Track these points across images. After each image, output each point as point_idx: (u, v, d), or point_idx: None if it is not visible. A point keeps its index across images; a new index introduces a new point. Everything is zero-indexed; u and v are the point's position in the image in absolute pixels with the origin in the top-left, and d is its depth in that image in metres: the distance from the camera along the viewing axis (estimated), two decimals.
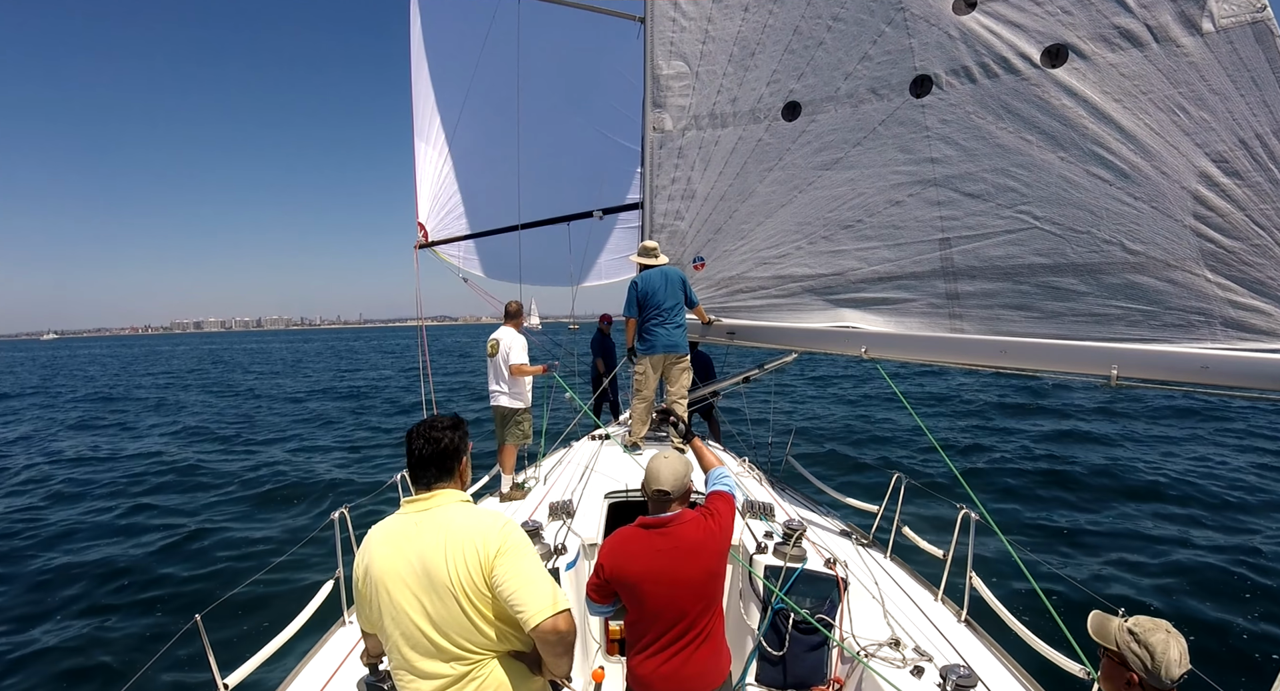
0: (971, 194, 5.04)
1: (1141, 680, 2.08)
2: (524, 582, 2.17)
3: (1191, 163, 4.12)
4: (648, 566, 2.81)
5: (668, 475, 2.90)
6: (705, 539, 2.87)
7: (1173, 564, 8.33)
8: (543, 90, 8.99)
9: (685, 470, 2.96)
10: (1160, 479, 11.91)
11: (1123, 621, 2.20)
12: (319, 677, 3.72)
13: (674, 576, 2.81)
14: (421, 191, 9.36)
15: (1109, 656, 2.19)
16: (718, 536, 2.90)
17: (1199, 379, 4.09)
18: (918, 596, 4.54)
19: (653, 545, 2.85)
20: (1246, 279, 3.98)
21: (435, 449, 2.38)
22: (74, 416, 25.40)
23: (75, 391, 37.03)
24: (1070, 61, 4.52)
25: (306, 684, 3.69)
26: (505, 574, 2.17)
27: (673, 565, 2.81)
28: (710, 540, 2.87)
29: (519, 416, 6.63)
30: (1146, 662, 2.07)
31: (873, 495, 5.93)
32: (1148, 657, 2.07)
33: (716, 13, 6.22)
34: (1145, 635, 2.10)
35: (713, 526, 2.91)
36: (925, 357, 5.45)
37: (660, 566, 2.82)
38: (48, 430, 22.00)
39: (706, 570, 2.84)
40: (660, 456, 2.99)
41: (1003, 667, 3.77)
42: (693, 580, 2.82)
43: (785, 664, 3.87)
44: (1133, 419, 17.61)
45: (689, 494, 3.00)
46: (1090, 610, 2.36)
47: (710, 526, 2.91)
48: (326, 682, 3.66)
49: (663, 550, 2.83)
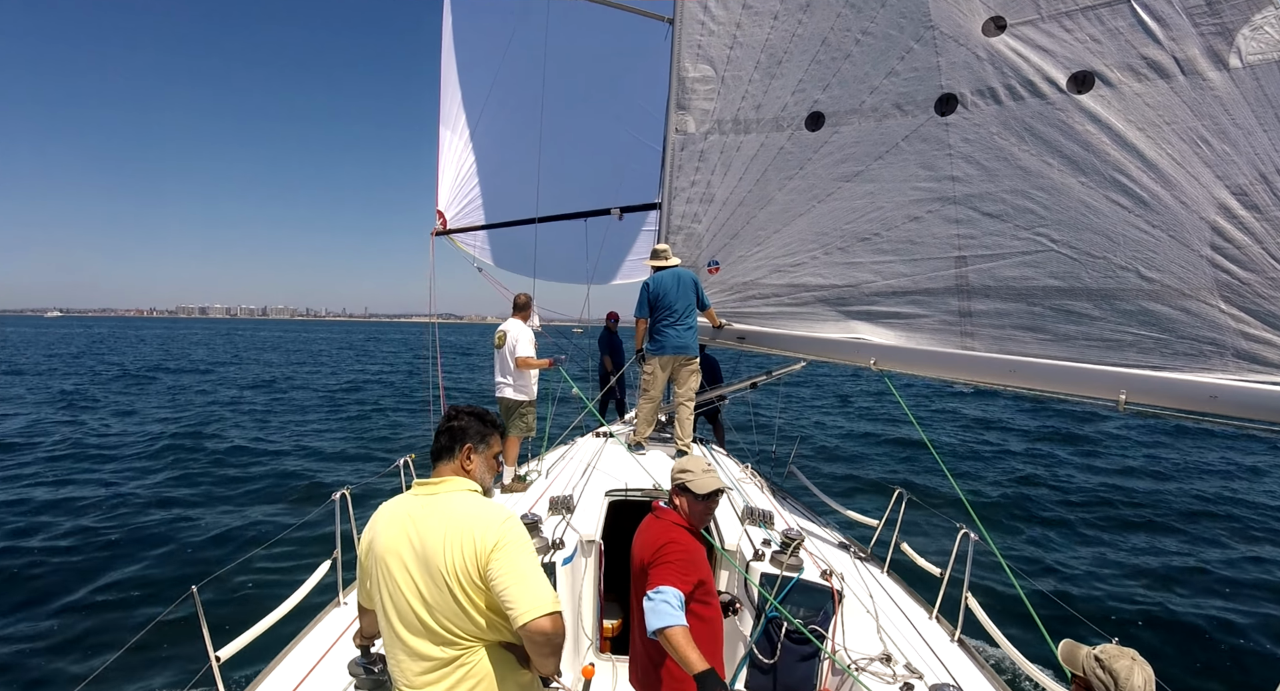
0: (990, 214, 5.08)
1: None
2: (517, 580, 2.17)
3: (1211, 194, 4.15)
4: (636, 542, 3.13)
5: (682, 474, 3.14)
6: (648, 534, 3.05)
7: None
8: (569, 86, 9.02)
9: (703, 469, 3.12)
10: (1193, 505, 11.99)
11: (1091, 649, 2.25)
12: (311, 656, 3.75)
13: (635, 554, 3.07)
14: (443, 179, 9.40)
15: (1076, 682, 2.25)
16: (652, 539, 3.02)
17: (1207, 408, 4.11)
18: (912, 613, 4.56)
19: (644, 524, 3.17)
20: (1260, 311, 4.01)
21: (448, 425, 2.48)
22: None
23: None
24: (1096, 88, 4.56)
25: (298, 661, 3.71)
26: (500, 569, 2.18)
27: (637, 546, 3.08)
28: (646, 537, 3.05)
29: (523, 408, 6.67)
30: (1110, 688, 2.11)
31: (874, 508, 5.96)
32: (1111, 683, 2.11)
33: (746, 19, 6.25)
34: (1110, 662, 2.15)
35: (658, 530, 3.04)
36: (934, 372, 5.48)
37: (636, 544, 3.11)
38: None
39: (638, 561, 3.02)
40: (687, 458, 3.22)
41: (993, 690, 3.80)
42: (636, 562, 3.04)
43: (775, 672, 3.90)
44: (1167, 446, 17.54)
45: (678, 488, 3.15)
46: (1090, 636, 2.41)
47: (657, 528, 3.06)
48: (318, 661, 3.69)
49: (640, 531, 3.14)
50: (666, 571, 2.80)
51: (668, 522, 3.02)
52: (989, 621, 4.28)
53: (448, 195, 9.42)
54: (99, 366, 40.20)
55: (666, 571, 2.80)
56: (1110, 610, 7.99)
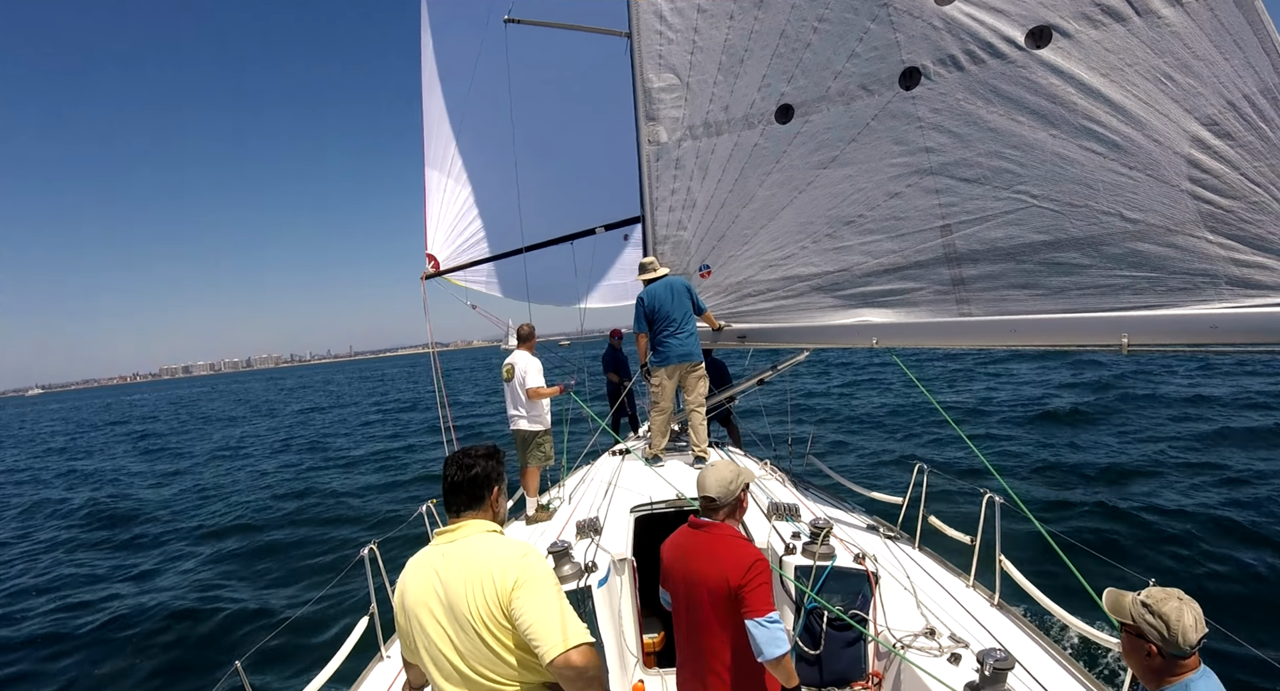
0: (968, 179, 5.09)
1: (1160, 649, 2.11)
2: (539, 617, 2.14)
3: (1183, 128, 4.16)
4: (673, 568, 2.98)
5: (712, 482, 2.95)
6: (723, 554, 2.86)
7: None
8: (541, 111, 9.10)
9: (731, 476, 2.96)
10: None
11: (1136, 595, 2.23)
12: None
13: (688, 582, 2.89)
14: (430, 222, 9.45)
15: (1126, 630, 2.22)
16: (736, 561, 2.84)
17: (1209, 339, 4.11)
18: (949, 584, 4.54)
19: (683, 549, 2.97)
20: (1247, 236, 3.99)
21: (467, 476, 2.40)
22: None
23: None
24: (1054, 41, 4.58)
25: None
26: (522, 606, 2.15)
27: (686, 570, 2.91)
28: (725, 560, 2.84)
29: (539, 438, 6.64)
30: (1163, 632, 2.10)
31: (897, 487, 5.94)
32: (1163, 627, 2.10)
33: (702, 22, 6.33)
34: (1158, 605, 2.13)
35: (735, 552, 2.88)
36: (936, 342, 5.48)
37: (679, 570, 2.94)
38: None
39: (709, 581, 2.83)
40: (709, 465, 3.10)
41: (1039, 648, 3.77)
42: (698, 588, 2.86)
43: (822, 662, 3.88)
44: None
45: (740, 504, 3.01)
46: (1127, 584, 2.40)
47: (734, 550, 2.89)
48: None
49: (683, 556, 2.95)
50: (766, 594, 2.77)
51: (727, 536, 2.90)
52: (1025, 581, 4.26)
53: (437, 236, 9.47)
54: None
55: (766, 594, 2.77)
56: (1145, 550, 7.97)
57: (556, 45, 8.77)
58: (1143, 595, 2.21)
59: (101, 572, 11.92)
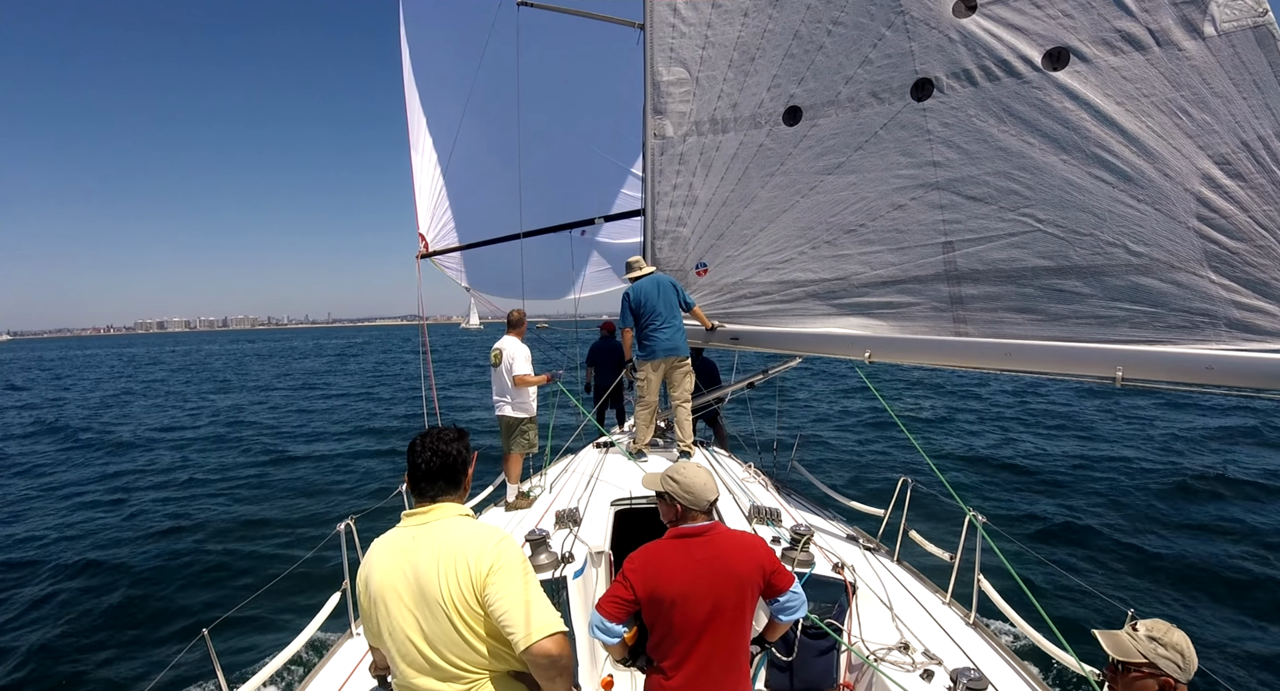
0: (974, 197, 5.04)
1: (1177, 680, 2.05)
2: (515, 603, 2.11)
3: (1194, 165, 4.13)
4: (689, 579, 2.68)
5: (714, 484, 2.84)
6: (751, 543, 2.81)
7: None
8: (543, 99, 8.96)
9: (708, 475, 2.91)
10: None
11: (1133, 631, 2.17)
12: (327, 690, 3.73)
13: (713, 585, 2.68)
14: (420, 202, 9.34)
15: (1138, 670, 2.11)
16: (761, 547, 2.82)
17: (1204, 379, 4.10)
18: (926, 599, 4.55)
19: (692, 556, 2.71)
20: (1250, 280, 3.99)
21: (444, 462, 2.32)
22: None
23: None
24: (1072, 64, 4.53)
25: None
26: (497, 593, 2.12)
27: (713, 573, 2.69)
28: (755, 548, 2.80)
29: (524, 426, 6.61)
30: (1178, 662, 2.05)
31: (881, 498, 5.93)
32: (1178, 657, 2.05)
33: (716, 18, 6.22)
34: (1165, 637, 2.09)
35: (756, 539, 2.87)
36: (929, 361, 5.44)
37: (701, 575, 2.68)
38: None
39: (744, 575, 2.71)
40: (694, 467, 2.89)
41: (1012, 670, 3.78)
42: (730, 585, 2.69)
43: (793, 669, 3.87)
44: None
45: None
46: (1099, 612, 2.36)
47: (753, 538, 2.87)
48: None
49: (703, 559, 2.71)
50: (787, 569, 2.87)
51: (732, 530, 2.88)
52: (1002, 602, 4.27)
53: (427, 217, 9.36)
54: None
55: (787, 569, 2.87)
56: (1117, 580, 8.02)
57: (561, 30, 8.63)
58: (1143, 631, 2.15)
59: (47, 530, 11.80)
